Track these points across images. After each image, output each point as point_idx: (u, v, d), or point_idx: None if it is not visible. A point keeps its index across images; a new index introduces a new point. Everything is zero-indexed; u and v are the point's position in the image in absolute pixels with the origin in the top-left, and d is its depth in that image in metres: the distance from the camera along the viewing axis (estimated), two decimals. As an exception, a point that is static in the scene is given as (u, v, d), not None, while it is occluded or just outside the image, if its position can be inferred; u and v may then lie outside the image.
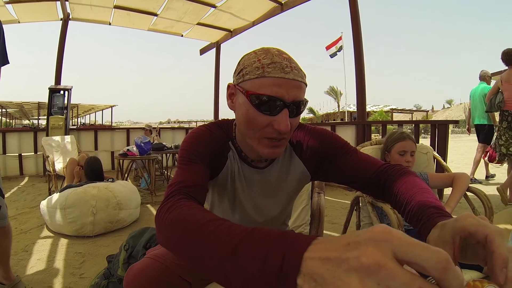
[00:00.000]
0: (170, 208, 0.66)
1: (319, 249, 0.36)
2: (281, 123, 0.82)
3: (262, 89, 0.82)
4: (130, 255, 1.80)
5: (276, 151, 0.89)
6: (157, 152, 5.64)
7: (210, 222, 0.54)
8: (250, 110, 0.84)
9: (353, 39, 5.75)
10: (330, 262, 0.33)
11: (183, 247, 0.56)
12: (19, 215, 3.97)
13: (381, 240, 0.33)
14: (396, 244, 0.32)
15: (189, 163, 0.87)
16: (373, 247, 0.32)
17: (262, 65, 0.83)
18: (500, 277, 0.43)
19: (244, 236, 0.45)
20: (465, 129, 29.16)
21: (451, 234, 0.54)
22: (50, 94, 7.09)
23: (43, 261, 2.64)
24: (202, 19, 7.85)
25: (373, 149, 2.27)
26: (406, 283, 0.29)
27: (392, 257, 0.31)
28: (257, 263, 0.40)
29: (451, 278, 0.31)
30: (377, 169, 0.93)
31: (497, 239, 0.47)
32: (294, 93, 0.83)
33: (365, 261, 0.31)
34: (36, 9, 6.83)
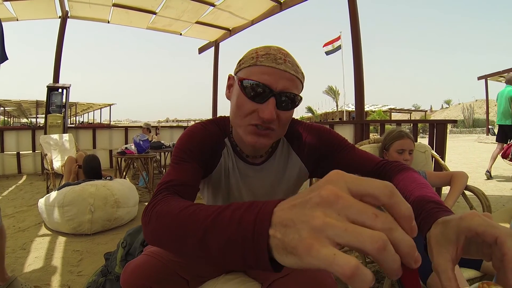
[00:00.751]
0: (155, 204, 0.67)
1: (287, 202, 0.38)
2: (266, 111, 0.83)
3: (253, 76, 0.84)
4: (127, 252, 1.80)
5: (260, 140, 0.88)
6: (155, 151, 5.64)
7: (189, 206, 0.56)
8: (240, 96, 0.86)
9: (351, 39, 5.75)
10: (296, 206, 0.36)
11: (168, 234, 0.58)
12: (17, 214, 3.97)
13: (336, 179, 0.36)
14: (349, 181, 0.35)
15: (180, 162, 0.87)
16: (330, 184, 0.35)
17: (257, 55, 0.86)
18: (511, 280, 0.43)
19: (221, 209, 0.48)
20: (464, 129, 29.17)
21: (455, 232, 0.52)
22: (48, 92, 7.07)
23: (41, 259, 2.64)
24: (201, 17, 7.84)
25: (371, 147, 2.27)
26: (361, 210, 0.32)
27: (348, 191, 0.34)
28: (233, 224, 0.43)
29: (399, 201, 0.34)
30: (375, 165, 0.93)
31: (509, 242, 0.46)
32: (284, 84, 0.84)
33: (324, 193, 0.34)
34: (35, 7, 6.81)
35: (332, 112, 41.15)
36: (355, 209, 0.32)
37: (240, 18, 7.95)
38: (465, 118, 32.03)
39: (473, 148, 14.08)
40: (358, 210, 0.32)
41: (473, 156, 10.35)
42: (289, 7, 7.11)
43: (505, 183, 5.83)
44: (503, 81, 19.08)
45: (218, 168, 0.99)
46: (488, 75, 18.32)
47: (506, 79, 6.16)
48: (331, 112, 41.53)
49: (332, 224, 0.32)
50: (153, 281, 0.94)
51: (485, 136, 19.10)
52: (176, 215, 0.57)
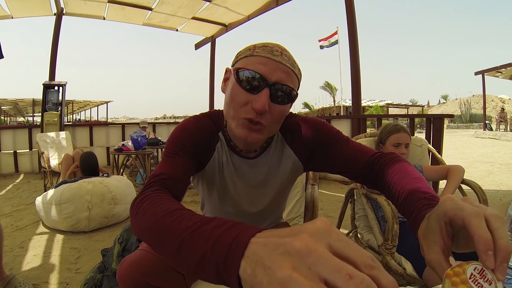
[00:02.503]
0: (143, 199, 0.68)
1: (265, 235, 0.38)
2: (258, 101, 0.81)
3: (248, 66, 0.84)
4: (124, 248, 1.80)
5: (252, 135, 0.87)
6: (153, 147, 5.63)
7: (174, 211, 0.57)
8: (234, 87, 0.86)
9: (348, 34, 5.75)
10: (269, 245, 0.35)
11: (150, 234, 0.59)
12: (15, 212, 3.97)
13: (319, 230, 0.34)
14: (334, 238, 0.33)
15: (172, 156, 0.87)
16: (308, 234, 0.33)
17: (254, 47, 0.86)
18: (487, 262, 0.41)
19: (203, 222, 0.48)
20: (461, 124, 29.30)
21: (436, 221, 0.51)
22: (44, 90, 7.05)
23: (39, 257, 2.64)
24: (197, 13, 7.79)
25: (367, 141, 2.27)
26: (335, 269, 0.30)
27: (326, 246, 0.33)
28: (210, 243, 0.43)
29: (381, 274, 0.31)
30: (369, 158, 0.92)
31: (474, 221, 0.45)
32: (279, 75, 0.83)
33: (297, 245, 0.32)
34: (29, 4, 6.75)
35: (329, 107, 41.05)
36: (328, 266, 0.30)
37: (236, 13, 7.91)
38: (462, 113, 32.09)
39: (470, 143, 14.13)
40: (331, 268, 0.30)
41: (470, 151, 10.41)
42: (286, 2, 7.08)
43: (502, 177, 5.85)
44: (500, 76, 19.27)
45: (212, 162, 0.99)
46: (485, 70, 18.38)
47: None
48: (328, 107, 41.44)
49: (297, 280, 0.30)
50: (149, 276, 0.94)
51: (482, 131, 19.19)
52: (159, 218, 0.58)
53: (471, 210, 0.47)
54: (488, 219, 0.45)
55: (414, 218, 0.64)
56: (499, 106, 27.59)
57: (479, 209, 0.47)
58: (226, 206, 1.08)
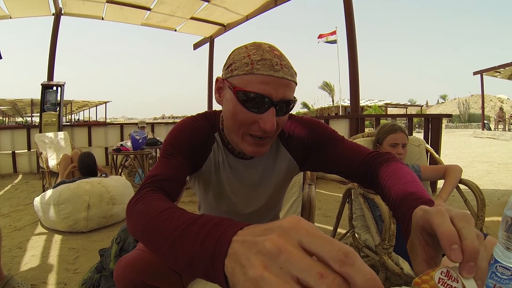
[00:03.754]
0: (138, 199, 0.70)
1: (244, 233, 0.40)
2: (267, 122, 0.81)
3: (250, 86, 0.80)
4: (121, 248, 1.80)
5: (261, 150, 0.89)
6: (151, 147, 5.63)
7: (166, 210, 0.59)
8: (236, 106, 0.83)
9: (346, 34, 5.75)
10: (246, 244, 0.36)
11: (145, 234, 0.61)
12: (13, 213, 3.96)
13: (288, 228, 0.34)
14: (302, 234, 0.33)
15: (168, 157, 0.88)
16: (278, 233, 0.34)
17: (252, 61, 0.81)
18: (452, 256, 0.40)
19: (191, 221, 0.50)
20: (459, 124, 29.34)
21: (414, 235, 0.51)
22: (42, 90, 7.03)
23: (37, 257, 2.64)
24: (196, 13, 7.79)
25: (365, 141, 2.27)
26: (305, 268, 0.30)
27: (297, 244, 0.33)
28: (198, 243, 0.45)
29: (354, 271, 0.30)
30: (365, 157, 0.92)
31: (436, 220, 0.44)
32: (283, 92, 0.82)
33: (268, 245, 0.33)
34: (28, 4, 6.74)
35: (328, 107, 41.08)
36: (299, 266, 0.30)
37: (235, 13, 7.91)
38: (460, 113, 32.13)
39: (469, 143, 14.15)
40: (302, 267, 0.30)
41: (468, 151, 10.42)
42: (284, 2, 7.09)
43: (500, 177, 5.86)
44: (499, 76, 19.29)
45: (208, 163, 0.99)
46: (484, 70, 18.40)
47: None
48: (327, 107, 41.46)
49: (268, 279, 0.30)
50: (146, 275, 0.94)
51: (481, 131, 19.21)
52: (152, 218, 0.60)
53: (434, 210, 0.46)
54: (453, 219, 0.45)
55: (406, 228, 0.64)
56: (498, 106, 27.63)
57: (442, 207, 0.47)
58: (222, 206, 1.09)
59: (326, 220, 3.53)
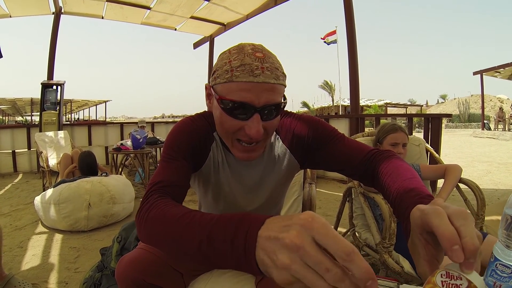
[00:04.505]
0: (149, 208, 0.71)
1: (268, 228, 0.46)
2: (252, 129, 0.80)
3: (231, 94, 0.79)
4: (122, 247, 1.80)
5: (252, 155, 0.89)
6: (151, 147, 5.63)
7: (185, 215, 0.62)
8: (222, 114, 0.83)
9: (346, 33, 5.74)
10: (270, 240, 0.44)
11: (165, 241, 0.64)
12: (14, 212, 3.96)
13: (303, 226, 0.42)
14: (316, 231, 0.41)
15: (170, 160, 0.87)
16: (296, 231, 0.42)
17: (231, 68, 0.79)
18: (454, 257, 0.41)
19: (213, 223, 0.55)
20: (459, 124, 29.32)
21: (415, 235, 0.51)
22: (42, 90, 7.02)
23: (38, 256, 2.64)
24: (196, 12, 7.78)
25: (365, 140, 2.27)
26: (316, 262, 0.39)
27: (311, 240, 0.41)
28: (228, 244, 0.50)
29: (355, 266, 0.38)
30: (365, 155, 0.92)
31: (434, 221, 0.45)
32: (265, 97, 0.79)
33: (288, 242, 0.41)
34: (28, 3, 6.74)
35: (328, 106, 41.02)
36: (312, 261, 0.39)
37: (235, 12, 7.89)
38: (460, 113, 32.10)
39: (469, 142, 14.15)
40: (314, 262, 0.39)
41: (468, 151, 10.41)
42: (285, 1, 7.07)
43: (500, 177, 5.86)
44: (499, 76, 19.27)
45: (208, 163, 0.98)
46: (484, 70, 18.39)
47: None
48: (327, 106, 41.42)
49: (294, 268, 0.40)
50: (147, 274, 0.94)
51: (481, 130, 19.20)
52: (172, 224, 0.63)
53: (431, 210, 0.47)
54: (451, 217, 0.46)
55: (406, 225, 0.64)
56: (498, 106, 27.60)
57: (440, 207, 0.47)
58: (220, 205, 1.08)
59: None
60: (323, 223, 0.42)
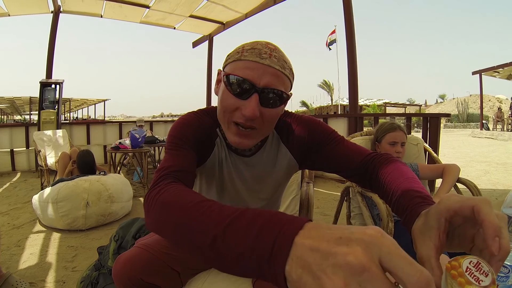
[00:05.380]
0: (160, 191, 0.65)
1: (311, 236, 0.37)
2: (248, 108, 0.81)
3: (236, 70, 0.82)
4: (120, 245, 1.80)
5: (244, 142, 0.88)
6: (150, 145, 5.62)
7: (201, 202, 0.54)
8: (224, 92, 0.85)
9: (345, 32, 5.76)
10: (318, 253, 0.34)
11: (174, 228, 0.55)
12: (12, 211, 3.95)
13: (371, 243, 0.33)
14: (384, 251, 0.32)
15: (177, 149, 0.86)
16: (362, 248, 0.33)
17: (243, 49, 0.84)
18: (493, 247, 0.42)
19: (236, 215, 0.46)
20: (458, 123, 29.36)
21: (435, 217, 0.51)
22: (41, 88, 7.01)
23: (35, 255, 2.64)
24: (195, 11, 7.79)
25: (363, 139, 2.28)
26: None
27: (377, 262, 0.32)
28: (249, 241, 0.41)
29: None
30: (364, 158, 0.92)
31: (484, 208, 0.45)
32: (268, 79, 0.81)
33: (352, 260, 0.32)
34: (27, 2, 6.73)
35: (327, 106, 41.11)
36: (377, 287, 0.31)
37: (234, 11, 7.90)
38: (459, 112, 32.18)
39: (467, 142, 14.18)
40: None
41: (467, 151, 10.43)
42: (283, 0, 7.08)
43: (498, 177, 5.87)
44: (497, 76, 19.30)
45: (212, 158, 0.98)
46: (483, 70, 18.44)
47: None
48: (325, 106, 41.51)
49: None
50: (144, 273, 0.94)
51: (479, 130, 19.24)
52: (185, 211, 0.54)
53: (481, 198, 0.48)
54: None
55: (408, 214, 0.64)
56: (496, 106, 27.68)
57: (487, 198, 0.48)
58: (224, 202, 1.08)
59: (324, 219, 3.54)
60: (393, 241, 0.34)
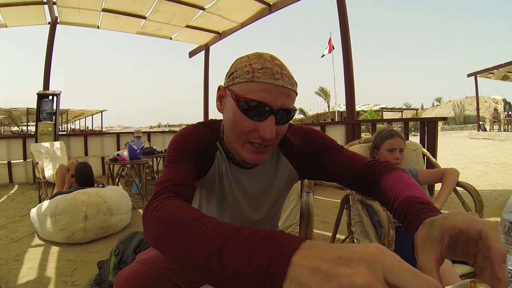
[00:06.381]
0: (158, 206, 0.65)
1: (309, 256, 0.35)
2: (267, 130, 0.82)
3: (251, 93, 0.81)
4: (120, 260, 1.79)
5: (261, 158, 0.89)
6: (148, 156, 5.61)
7: (197, 220, 0.53)
8: (237, 114, 0.84)
9: (341, 39, 5.78)
10: (319, 274, 0.33)
11: (170, 245, 0.55)
12: (10, 224, 3.92)
13: (373, 261, 0.32)
14: (388, 268, 0.32)
15: (177, 162, 0.85)
16: (365, 267, 0.32)
17: (253, 69, 0.82)
18: (500, 273, 0.42)
19: (231, 234, 0.45)
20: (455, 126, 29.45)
21: (439, 231, 0.51)
22: (38, 100, 7.01)
23: (34, 270, 2.61)
24: (191, 21, 7.82)
25: (361, 147, 2.28)
26: None
27: (383, 280, 0.31)
28: (243, 261, 0.40)
29: None
30: (363, 166, 0.92)
31: (492, 234, 0.46)
32: (283, 100, 0.83)
33: (357, 281, 0.30)
34: (24, 13, 6.75)
35: (324, 113, 41.26)
36: None
37: (230, 21, 7.94)
38: (456, 115, 32.27)
39: (465, 144, 14.22)
40: None
41: (465, 152, 10.46)
42: (279, 9, 7.12)
43: (497, 177, 5.88)
44: (493, 77, 19.42)
45: (212, 171, 0.98)
46: (478, 72, 18.56)
47: None
48: (323, 113, 41.63)
49: None
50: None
51: (476, 132, 19.32)
52: (181, 227, 0.54)
53: (489, 223, 0.48)
54: None
55: (410, 221, 0.64)
56: (492, 107, 27.79)
57: (495, 223, 0.48)
58: (225, 215, 1.08)
59: (324, 226, 3.53)
60: (396, 255, 0.33)
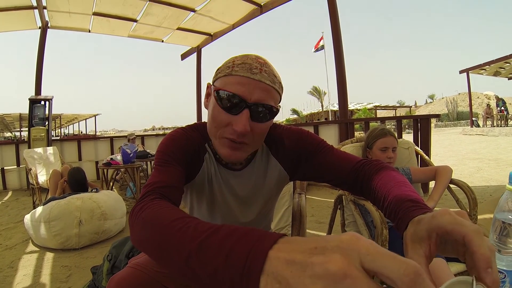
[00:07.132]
0: (143, 207, 0.66)
1: (285, 249, 0.35)
2: (239, 124, 0.82)
3: (228, 86, 0.83)
4: (113, 265, 1.78)
5: (236, 154, 0.89)
6: (141, 160, 5.58)
7: (178, 219, 0.54)
8: (215, 107, 0.86)
9: (332, 38, 5.81)
10: (295, 265, 0.33)
11: (153, 245, 0.56)
12: (4, 231, 3.89)
13: (348, 248, 0.32)
14: (363, 253, 0.31)
15: (165, 165, 0.86)
16: (340, 254, 0.31)
17: (233, 64, 0.85)
18: (487, 279, 0.42)
19: (210, 232, 0.45)
20: (448, 122, 29.61)
21: (427, 230, 0.52)
22: (30, 105, 6.97)
23: (29, 276, 2.59)
24: (182, 23, 7.83)
25: (354, 146, 2.28)
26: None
27: (359, 266, 0.31)
28: (221, 257, 0.40)
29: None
30: (354, 165, 0.92)
31: (475, 239, 0.46)
32: (259, 95, 0.83)
33: (331, 268, 0.30)
34: (14, 18, 6.71)
35: (317, 112, 41.35)
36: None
37: (221, 22, 7.96)
38: (449, 111, 32.49)
39: (459, 140, 14.31)
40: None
41: (459, 149, 10.53)
42: (269, 10, 7.14)
43: (491, 173, 5.91)
44: (484, 73, 19.57)
45: (201, 173, 0.98)
46: (470, 68, 18.71)
47: None
48: (316, 112, 41.72)
49: None
50: (138, 294, 0.93)
51: (470, 128, 19.45)
52: (162, 228, 0.54)
53: (473, 227, 0.47)
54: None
55: (400, 219, 0.64)
56: (485, 103, 28.01)
57: (479, 227, 0.48)
58: (216, 217, 1.08)
59: (319, 227, 3.53)
60: (372, 242, 0.33)
